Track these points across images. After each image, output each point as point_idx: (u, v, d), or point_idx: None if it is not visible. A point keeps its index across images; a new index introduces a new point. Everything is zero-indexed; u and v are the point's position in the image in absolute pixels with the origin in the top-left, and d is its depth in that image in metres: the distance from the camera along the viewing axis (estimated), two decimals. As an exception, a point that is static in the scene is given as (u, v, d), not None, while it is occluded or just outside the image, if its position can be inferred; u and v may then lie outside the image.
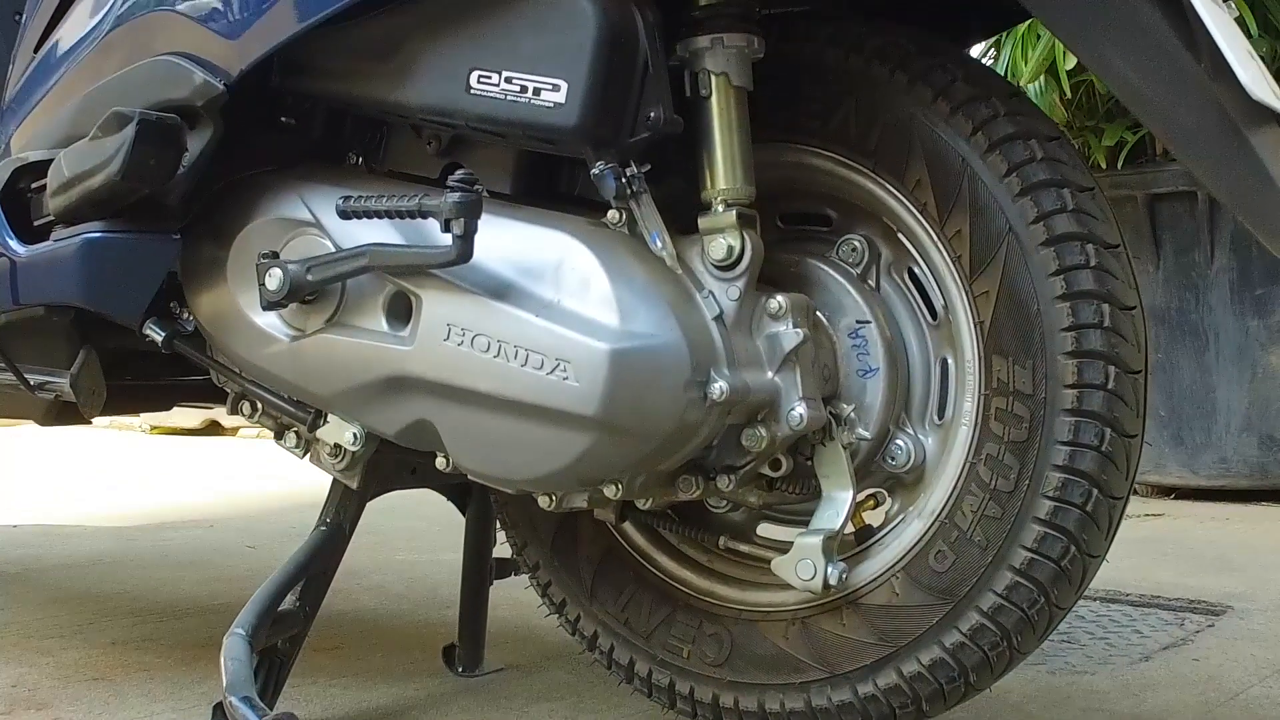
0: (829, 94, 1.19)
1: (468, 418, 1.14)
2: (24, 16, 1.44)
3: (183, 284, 1.32)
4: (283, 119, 1.30)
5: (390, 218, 1.13)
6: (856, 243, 1.24)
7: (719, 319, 1.14)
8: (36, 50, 1.38)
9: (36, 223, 1.32)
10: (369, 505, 1.40)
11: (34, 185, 1.32)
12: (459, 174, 1.08)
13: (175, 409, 1.74)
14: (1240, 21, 1.15)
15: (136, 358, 1.46)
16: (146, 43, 1.24)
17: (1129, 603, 2.05)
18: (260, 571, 2.34)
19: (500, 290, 1.12)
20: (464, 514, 1.62)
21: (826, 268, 1.24)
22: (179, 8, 1.21)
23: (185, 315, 1.35)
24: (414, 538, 2.57)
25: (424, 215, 1.10)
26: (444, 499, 1.65)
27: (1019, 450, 1.13)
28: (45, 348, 1.38)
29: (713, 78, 1.15)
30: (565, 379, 1.08)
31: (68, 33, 1.33)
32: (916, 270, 1.22)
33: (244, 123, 1.25)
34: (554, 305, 1.10)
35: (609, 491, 1.17)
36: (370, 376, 1.19)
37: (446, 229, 1.08)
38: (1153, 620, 1.94)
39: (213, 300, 1.30)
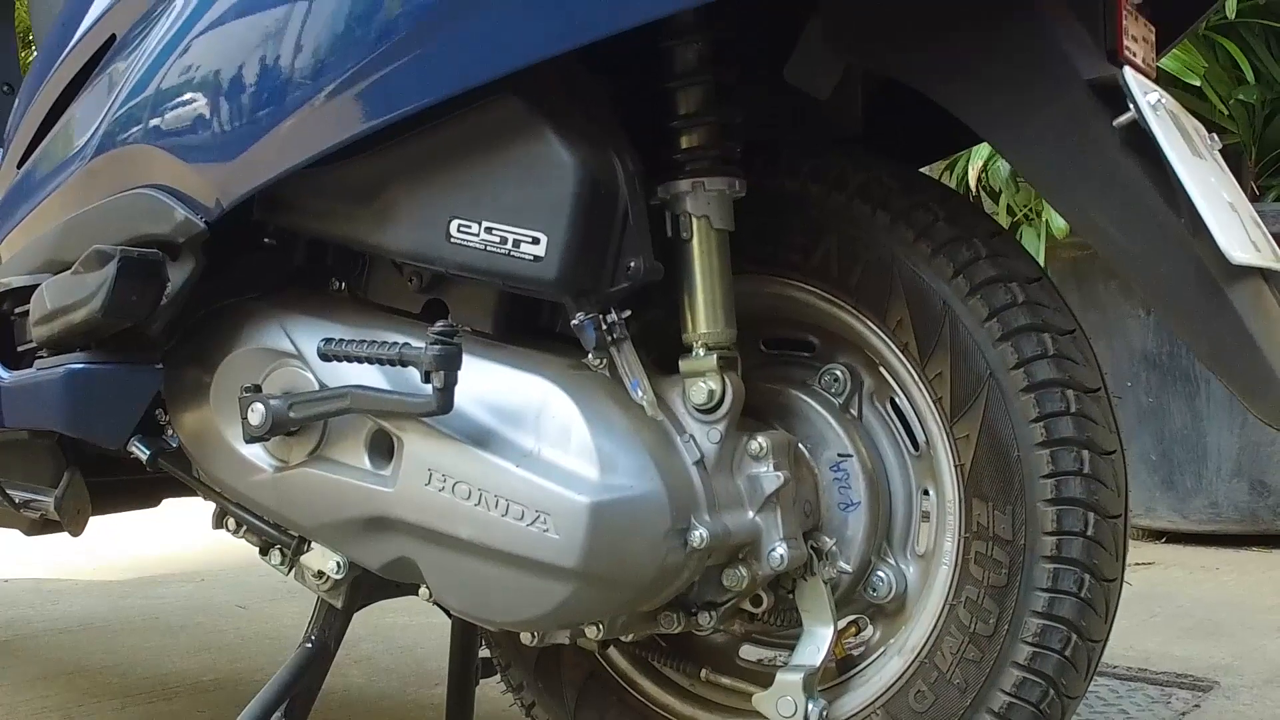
0: (811, 229, 1.20)
1: (449, 560, 1.15)
2: (8, 127, 1.43)
3: (166, 405, 1.32)
4: (265, 239, 1.30)
5: (371, 363, 1.13)
6: (839, 372, 1.24)
7: (700, 463, 1.14)
8: (20, 165, 1.38)
9: (20, 348, 1.32)
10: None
11: (17, 310, 1.32)
12: (439, 325, 1.08)
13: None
14: (1237, 165, 1.14)
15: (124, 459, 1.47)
16: (128, 173, 1.24)
17: (1116, 676, 2.06)
18: (251, 638, 2.36)
19: (481, 437, 1.12)
20: (450, 615, 1.62)
21: (809, 399, 1.24)
22: (161, 142, 1.21)
23: (170, 432, 1.35)
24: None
25: (404, 364, 1.10)
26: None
27: (998, 595, 1.13)
28: (30, 465, 1.38)
29: (694, 221, 1.15)
30: (545, 531, 1.08)
31: (51, 153, 1.33)
32: (899, 401, 1.23)
33: (226, 248, 1.25)
34: (534, 455, 1.10)
35: (590, 632, 1.18)
36: (352, 514, 1.19)
37: (427, 380, 1.08)
38: (1139, 698, 1.95)
39: (196, 425, 1.30)
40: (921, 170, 1.26)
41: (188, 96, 1.18)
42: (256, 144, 1.13)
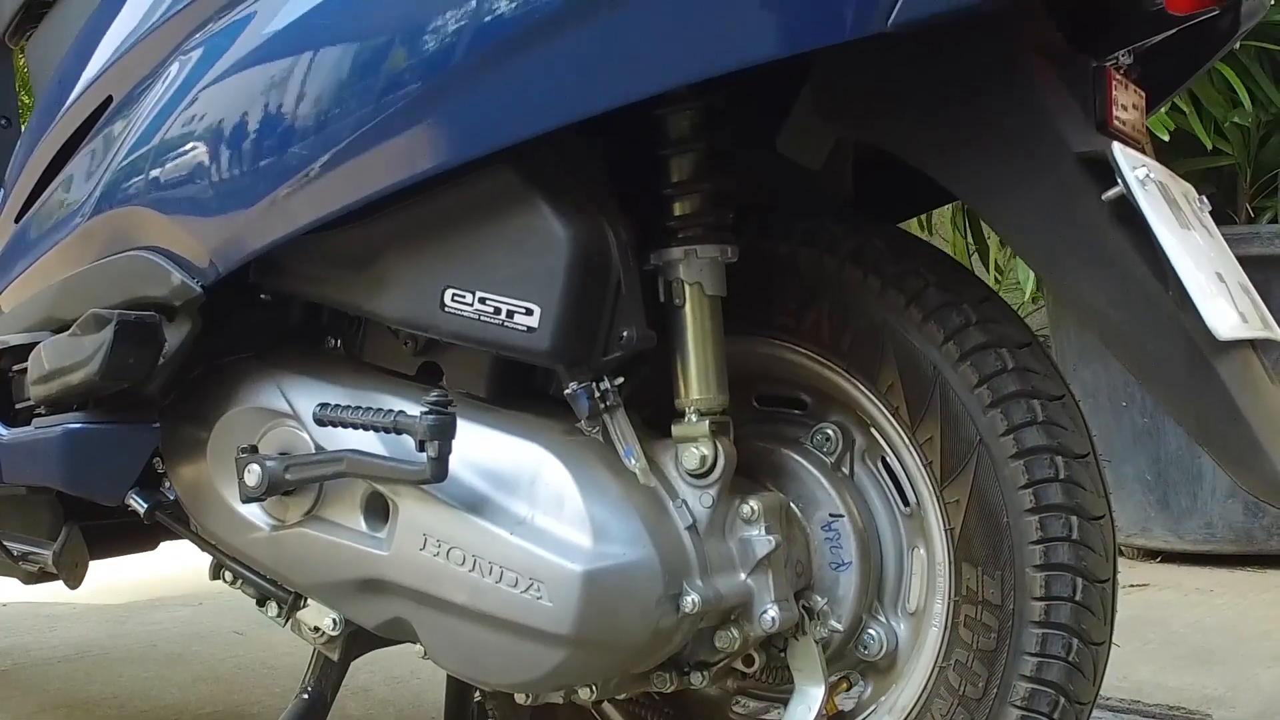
0: (803, 293, 1.21)
1: (444, 623, 1.16)
2: (7, 177, 1.44)
3: (164, 459, 1.33)
4: (262, 295, 1.31)
5: (366, 429, 1.14)
6: (830, 431, 1.25)
7: (692, 528, 1.15)
8: (18, 220, 1.39)
9: (18, 405, 1.33)
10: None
11: (15, 367, 1.33)
12: (433, 395, 1.09)
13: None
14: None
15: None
16: (125, 234, 1.24)
17: (1109, 708, 2.07)
18: (249, 666, 2.37)
19: (475, 503, 1.13)
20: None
21: (801, 458, 1.25)
22: (157, 205, 1.22)
23: (167, 483, 1.36)
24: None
25: (399, 432, 1.11)
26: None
27: (987, 659, 1.14)
28: (28, 518, 1.40)
29: (686, 288, 1.16)
30: (539, 598, 1.10)
31: (48, 210, 1.34)
32: (889, 461, 1.24)
33: (222, 306, 1.26)
34: (528, 522, 1.11)
35: (584, 693, 1.19)
36: (348, 575, 1.20)
37: (421, 449, 1.09)
38: (1132, 732, 1.96)
39: (193, 480, 1.31)
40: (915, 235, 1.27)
41: (183, 162, 1.19)
42: (251, 211, 1.14)
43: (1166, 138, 2.79)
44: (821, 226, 1.20)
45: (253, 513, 1.26)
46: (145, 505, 1.34)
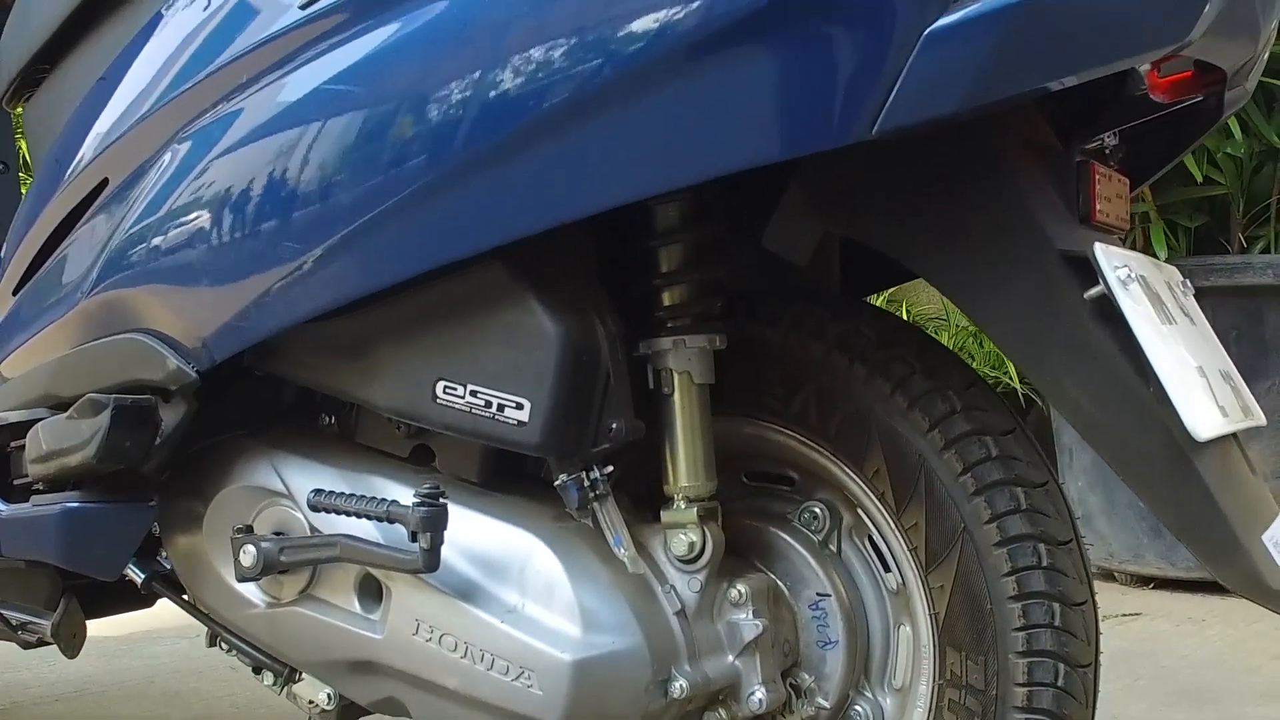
0: (790, 378, 1.22)
1: (437, 705, 1.18)
2: (4, 251, 1.46)
3: (161, 532, 1.35)
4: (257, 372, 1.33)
5: (359, 517, 1.16)
6: (818, 509, 1.26)
7: (680, 613, 1.17)
8: (15, 293, 1.41)
9: (16, 481, 1.35)
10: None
11: (14, 444, 1.35)
12: (426, 487, 1.11)
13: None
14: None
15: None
16: (122, 315, 1.26)
17: (1099, 752, 2.08)
18: (245, 706, 2.38)
19: (467, 590, 1.15)
20: None
21: (788, 537, 1.26)
22: (154, 290, 1.23)
23: (164, 553, 1.38)
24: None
25: (391, 521, 1.13)
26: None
27: (972, 743, 1.16)
28: (27, 588, 1.41)
29: (675, 376, 1.17)
30: (529, 687, 1.11)
31: (45, 287, 1.35)
32: (876, 539, 1.25)
33: (218, 386, 1.27)
34: (518, 610, 1.13)
35: (574, 774, 1.20)
36: (342, 655, 1.22)
37: (413, 539, 1.11)
38: (1121, 777, 1.98)
39: (189, 555, 1.32)
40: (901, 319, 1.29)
41: (179, 249, 1.20)
42: (246, 302, 1.15)
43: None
44: (808, 312, 1.22)
45: (248, 589, 1.28)
46: (143, 575, 1.36)
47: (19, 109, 1.63)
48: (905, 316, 3.93)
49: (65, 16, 1.41)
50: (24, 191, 2.29)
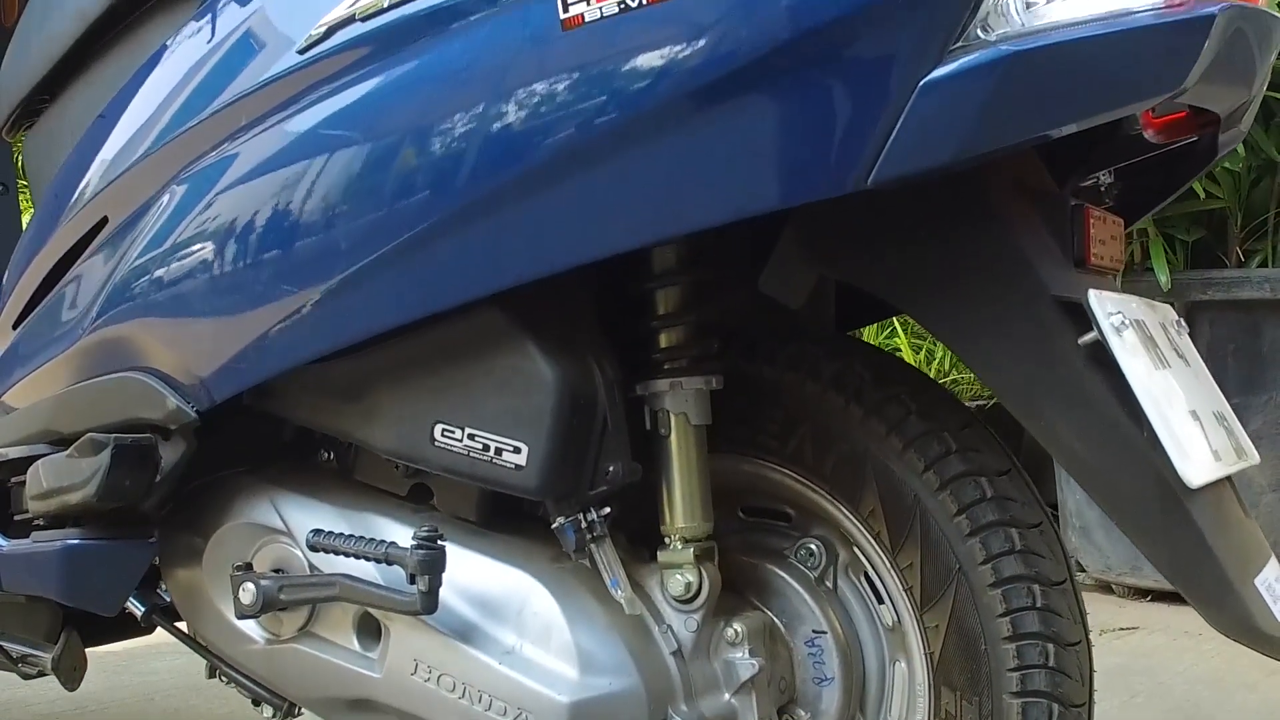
0: (786, 418, 1.23)
1: (434, 744, 1.19)
2: (4, 285, 1.47)
3: (161, 566, 1.35)
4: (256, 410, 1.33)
5: (358, 558, 1.16)
6: (814, 546, 1.27)
7: (677, 653, 1.18)
8: (15, 326, 1.41)
9: (17, 516, 1.35)
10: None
11: (14, 479, 1.36)
12: (424, 530, 1.11)
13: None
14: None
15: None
16: (122, 353, 1.27)
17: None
18: (244, 728, 2.39)
19: (465, 631, 1.16)
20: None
21: (785, 574, 1.27)
22: (153, 329, 1.24)
23: (163, 585, 1.39)
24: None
25: (390, 563, 1.13)
26: None
27: (967, 782, 1.17)
28: (28, 621, 1.42)
29: (672, 418, 1.18)
30: (526, 728, 1.12)
31: (45, 324, 1.36)
32: (872, 576, 1.26)
33: (218, 423, 1.28)
34: (516, 652, 1.14)
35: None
36: (340, 693, 1.23)
37: (412, 582, 1.12)
38: (1117, 798, 1.98)
39: (189, 590, 1.33)
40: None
41: (179, 291, 1.21)
42: (245, 345, 1.16)
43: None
44: (804, 350, 1.22)
45: (247, 625, 1.28)
46: (143, 608, 1.37)
47: (20, 137, 1.64)
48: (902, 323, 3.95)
49: (66, 50, 1.42)
50: (23, 210, 2.31)
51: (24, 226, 2.14)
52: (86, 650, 1.52)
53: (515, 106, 1.03)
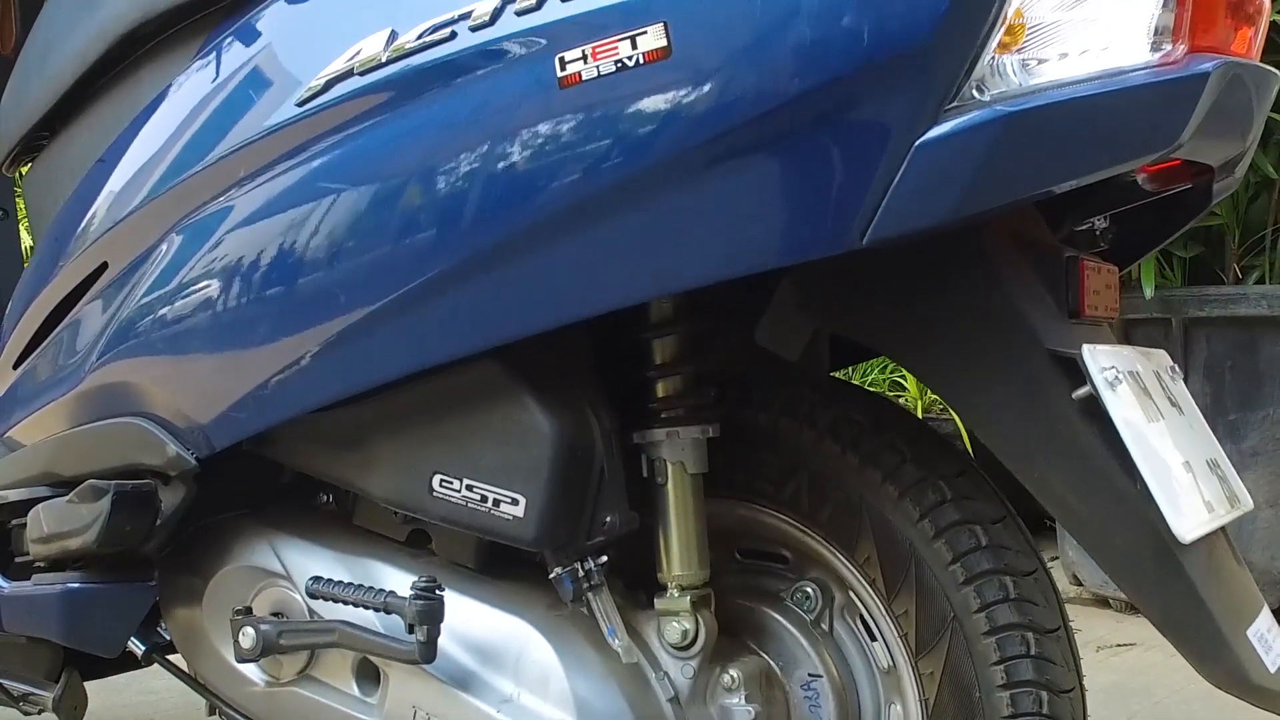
0: (783, 464, 1.23)
1: (433, 790, 1.19)
2: (4, 325, 1.47)
3: (161, 607, 1.36)
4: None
5: (357, 606, 1.17)
6: (810, 589, 1.28)
7: (674, 700, 1.19)
8: (15, 367, 1.42)
9: (18, 559, 1.36)
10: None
11: (14, 522, 1.36)
12: (422, 581, 1.12)
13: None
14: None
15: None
16: (122, 399, 1.27)
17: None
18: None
19: (463, 678, 1.17)
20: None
21: (781, 617, 1.28)
22: (153, 377, 1.25)
23: (164, 624, 1.39)
24: None
25: (388, 612, 1.14)
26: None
27: (961, 829, 1.18)
28: (29, 660, 1.43)
29: (669, 466, 1.19)
30: (525, 777, 1.13)
31: (45, 366, 1.37)
32: (868, 619, 1.26)
33: (217, 467, 1.29)
34: (513, 700, 1.15)
35: None
36: (340, 738, 1.24)
37: (410, 631, 1.13)
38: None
39: (189, 630, 1.34)
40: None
41: (178, 338, 1.21)
42: (244, 395, 1.17)
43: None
44: (800, 397, 1.23)
45: (247, 668, 1.29)
46: (144, 647, 1.38)
47: (20, 171, 1.64)
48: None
49: (65, 90, 1.42)
50: (23, 234, 2.31)
51: (24, 254, 2.15)
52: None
53: (513, 164, 1.04)
